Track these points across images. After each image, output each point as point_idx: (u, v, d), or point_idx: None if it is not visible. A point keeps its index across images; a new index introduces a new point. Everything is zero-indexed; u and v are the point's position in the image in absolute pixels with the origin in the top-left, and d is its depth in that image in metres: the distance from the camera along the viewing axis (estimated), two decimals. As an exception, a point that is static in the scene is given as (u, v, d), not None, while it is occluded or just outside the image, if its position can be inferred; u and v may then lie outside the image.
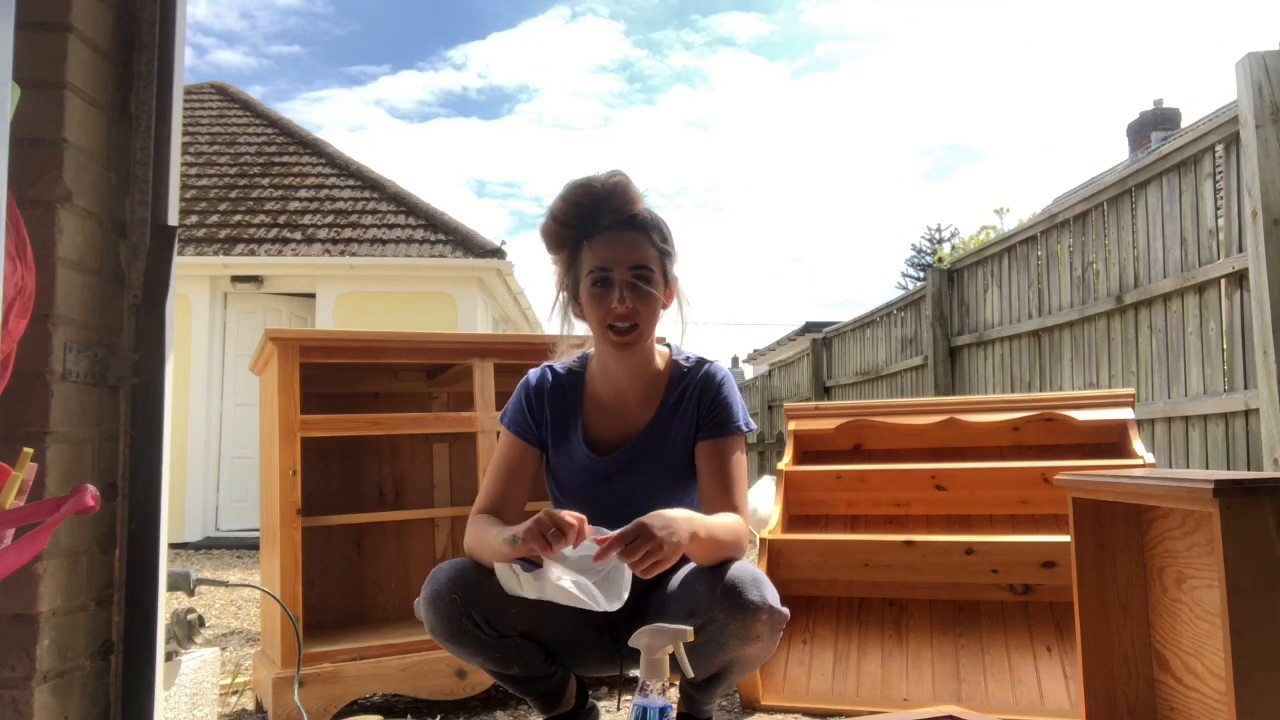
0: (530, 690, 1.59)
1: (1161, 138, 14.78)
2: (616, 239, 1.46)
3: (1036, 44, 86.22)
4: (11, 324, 1.06)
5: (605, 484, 1.56)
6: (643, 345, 1.52)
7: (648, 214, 1.50)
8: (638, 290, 1.46)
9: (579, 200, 1.46)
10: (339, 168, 8.98)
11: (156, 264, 1.40)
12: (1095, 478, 1.64)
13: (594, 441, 1.58)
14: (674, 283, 1.54)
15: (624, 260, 1.45)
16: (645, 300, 1.46)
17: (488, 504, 1.57)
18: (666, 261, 1.51)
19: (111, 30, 1.39)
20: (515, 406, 1.62)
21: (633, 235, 1.47)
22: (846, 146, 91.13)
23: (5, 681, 1.22)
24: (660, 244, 1.50)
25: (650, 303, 1.47)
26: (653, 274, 1.47)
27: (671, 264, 1.53)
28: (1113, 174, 5.15)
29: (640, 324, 1.47)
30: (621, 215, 1.47)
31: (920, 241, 33.25)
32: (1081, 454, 2.97)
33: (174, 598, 2.36)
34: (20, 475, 0.98)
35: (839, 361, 8.65)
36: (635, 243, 1.47)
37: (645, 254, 1.47)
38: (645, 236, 1.48)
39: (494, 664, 1.50)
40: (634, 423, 1.57)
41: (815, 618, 2.59)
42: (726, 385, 1.56)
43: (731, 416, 1.54)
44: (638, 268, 1.46)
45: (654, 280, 1.47)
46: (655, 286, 1.47)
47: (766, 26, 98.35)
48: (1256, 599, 1.18)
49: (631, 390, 1.58)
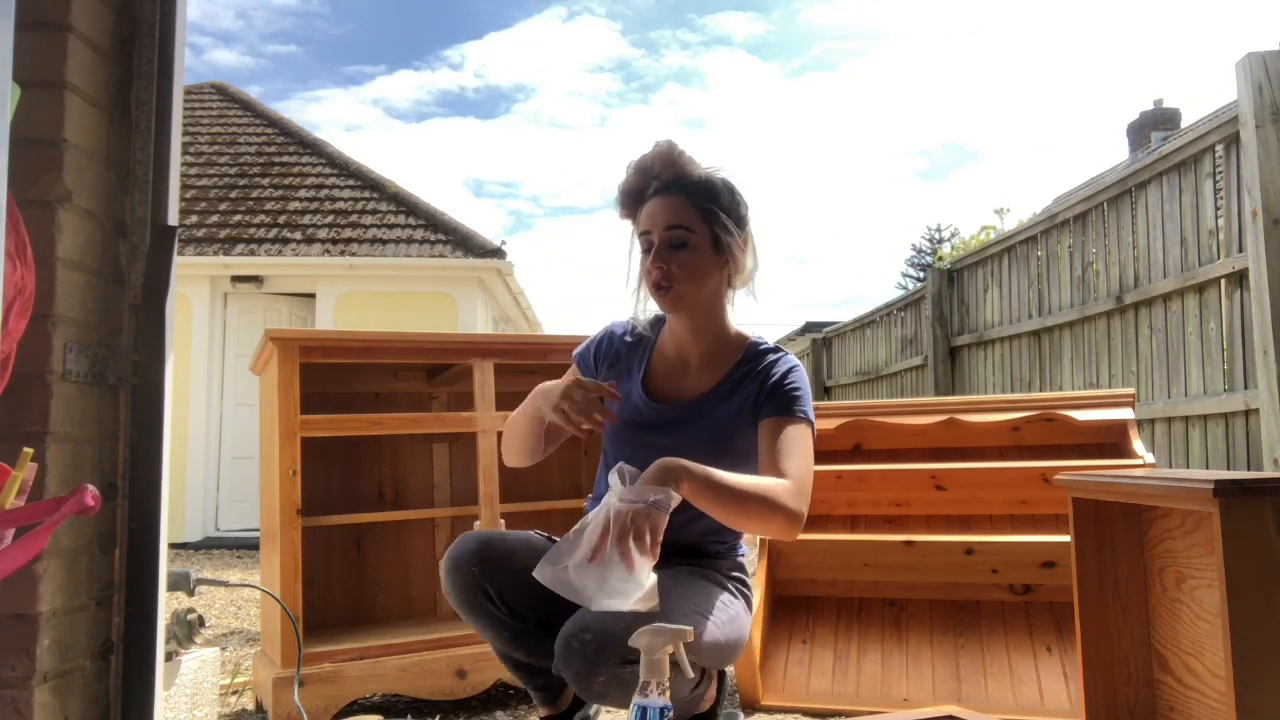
0: (533, 680, 1.59)
1: (1161, 138, 14.78)
2: (658, 203, 1.49)
3: (1036, 44, 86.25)
4: (11, 324, 1.06)
5: (647, 431, 1.56)
6: (692, 304, 1.52)
7: (697, 177, 1.51)
8: (671, 251, 1.47)
9: (630, 178, 1.52)
10: (339, 168, 8.98)
11: (156, 264, 1.40)
12: (1095, 478, 1.64)
13: (653, 390, 1.60)
14: (732, 246, 1.52)
15: (661, 222, 1.48)
16: (680, 260, 1.47)
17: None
18: (713, 222, 1.49)
19: (111, 30, 1.39)
20: (588, 343, 1.69)
21: (674, 198, 1.49)
22: (845, 146, 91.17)
23: (5, 681, 1.22)
24: (706, 204, 1.49)
25: (686, 262, 1.47)
26: (690, 233, 1.47)
27: (726, 225, 1.50)
28: (1113, 174, 5.15)
29: (676, 285, 1.48)
30: (664, 181, 1.50)
31: (920, 241, 33.28)
32: (1081, 454, 2.97)
33: (174, 598, 2.36)
34: (20, 475, 0.98)
35: (839, 361, 8.65)
36: (674, 205, 1.48)
37: (683, 215, 1.48)
38: (688, 198, 1.49)
39: (501, 642, 1.51)
40: (694, 385, 1.58)
41: (815, 618, 2.59)
42: (798, 374, 1.54)
43: (798, 400, 1.51)
44: (672, 227, 1.47)
45: (692, 241, 1.47)
46: (693, 247, 1.48)
47: (763, 26, 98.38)
48: (1256, 599, 1.18)
49: (694, 351, 1.58)
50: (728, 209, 1.52)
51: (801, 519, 1.37)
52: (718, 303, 1.56)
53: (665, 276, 1.48)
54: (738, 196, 1.55)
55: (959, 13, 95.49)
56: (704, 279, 1.50)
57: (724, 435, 1.52)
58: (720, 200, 1.52)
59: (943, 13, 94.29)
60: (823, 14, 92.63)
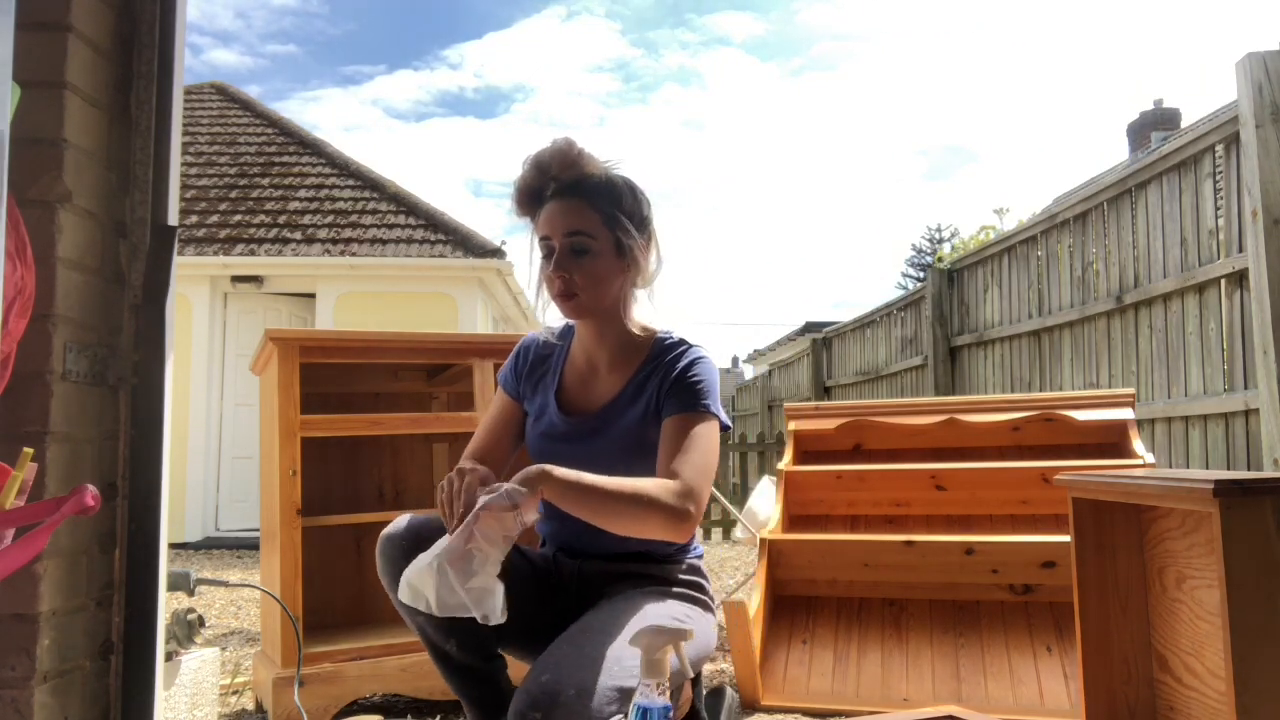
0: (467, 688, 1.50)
1: (1161, 138, 14.78)
2: (556, 207, 1.44)
3: (1036, 44, 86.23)
4: (11, 324, 1.06)
5: (565, 444, 1.52)
6: (595, 311, 1.48)
7: (597, 177, 1.46)
8: (572, 258, 1.43)
9: (527, 177, 1.47)
10: (339, 168, 8.98)
11: (156, 264, 1.40)
12: (1095, 478, 1.64)
13: (566, 403, 1.57)
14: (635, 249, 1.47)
15: (560, 228, 1.43)
16: (581, 267, 1.43)
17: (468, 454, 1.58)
18: (616, 226, 1.45)
19: (111, 30, 1.39)
20: (507, 363, 1.66)
21: (572, 202, 1.44)
22: (845, 146, 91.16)
23: (5, 681, 1.22)
24: (608, 208, 1.45)
25: (589, 269, 1.43)
26: (592, 239, 1.43)
27: (628, 228, 1.46)
28: (1113, 174, 5.15)
29: (580, 292, 1.44)
30: (564, 182, 1.45)
31: (920, 241, 33.26)
32: (1081, 454, 2.97)
33: (174, 598, 2.36)
34: (20, 475, 0.98)
35: (839, 361, 8.65)
36: (575, 210, 1.44)
37: (583, 219, 1.43)
38: (587, 202, 1.44)
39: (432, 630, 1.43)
40: (604, 391, 1.54)
41: (815, 618, 2.59)
42: (701, 367, 1.48)
43: (699, 394, 1.45)
44: (573, 234, 1.43)
45: (594, 247, 1.43)
46: (595, 253, 1.43)
47: (762, 26, 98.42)
48: (1256, 599, 1.18)
49: (601, 356, 1.55)
50: (630, 211, 1.48)
51: (687, 518, 1.32)
52: (622, 306, 1.51)
53: (567, 284, 1.44)
54: (639, 196, 1.51)
55: (959, 13, 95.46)
56: (607, 285, 1.46)
57: (636, 439, 1.48)
58: (623, 203, 1.47)
59: (942, 13, 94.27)
60: (822, 14, 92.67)
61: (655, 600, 1.47)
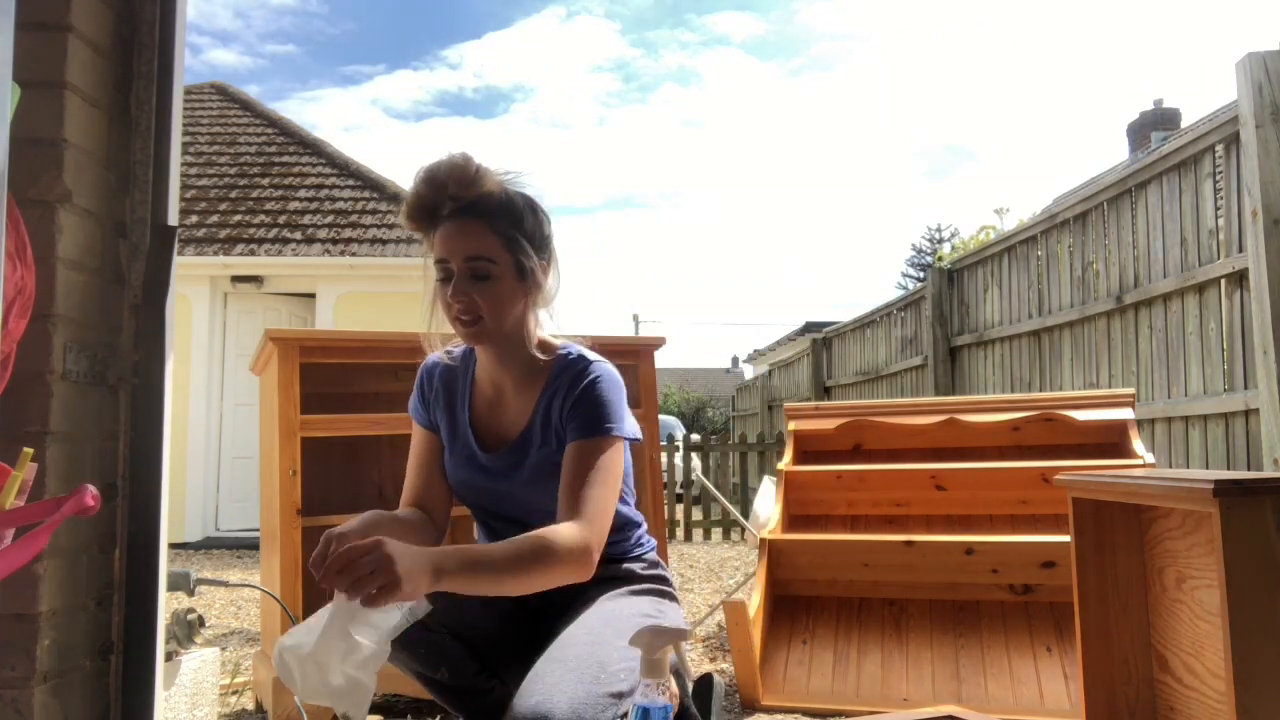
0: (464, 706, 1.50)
1: (1161, 138, 14.78)
2: (453, 228, 1.38)
3: (1036, 43, 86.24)
4: (11, 324, 1.06)
5: (487, 479, 1.50)
6: (497, 336, 1.43)
7: (496, 196, 1.41)
8: (473, 283, 1.38)
9: (420, 192, 1.39)
10: (339, 168, 8.98)
11: (156, 264, 1.40)
12: (1095, 478, 1.64)
13: (481, 435, 1.53)
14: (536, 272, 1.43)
15: (459, 251, 1.38)
16: (484, 292, 1.38)
17: (405, 499, 1.55)
18: (517, 250, 1.40)
19: (111, 30, 1.39)
20: (414, 394, 1.59)
21: (470, 223, 1.38)
22: (845, 146, 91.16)
23: (5, 681, 1.22)
24: (508, 229, 1.40)
25: (491, 294, 1.39)
26: (493, 264, 1.38)
27: (527, 249, 1.41)
28: (1113, 174, 5.15)
29: (484, 316, 1.39)
30: (461, 201, 1.39)
31: (920, 241, 33.25)
32: (1081, 454, 2.97)
33: (174, 598, 2.36)
34: (20, 475, 0.98)
35: (839, 361, 8.65)
36: (470, 231, 1.38)
37: (482, 243, 1.38)
38: (486, 222, 1.39)
39: (420, 664, 1.42)
40: (515, 417, 1.50)
41: (815, 618, 2.59)
42: (600, 384, 1.42)
43: (597, 416, 1.40)
44: (473, 258, 1.38)
45: (494, 272, 1.38)
46: (496, 277, 1.39)
47: (761, 26, 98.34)
48: (1256, 599, 1.19)
49: (507, 379, 1.51)
50: (531, 233, 1.43)
51: (588, 559, 1.28)
52: (523, 327, 1.47)
53: (467, 310, 1.39)
54: (540, 214, 1.46)
55: (958, 12, 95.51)
56: (509, 309, 1.42)
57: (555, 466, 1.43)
58: (523, 224, 1.42)
59: (941, 12, 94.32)
60: (821, 14, 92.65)
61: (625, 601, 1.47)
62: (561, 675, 1.21)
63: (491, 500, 1.51)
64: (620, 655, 1.29)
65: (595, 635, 1.33)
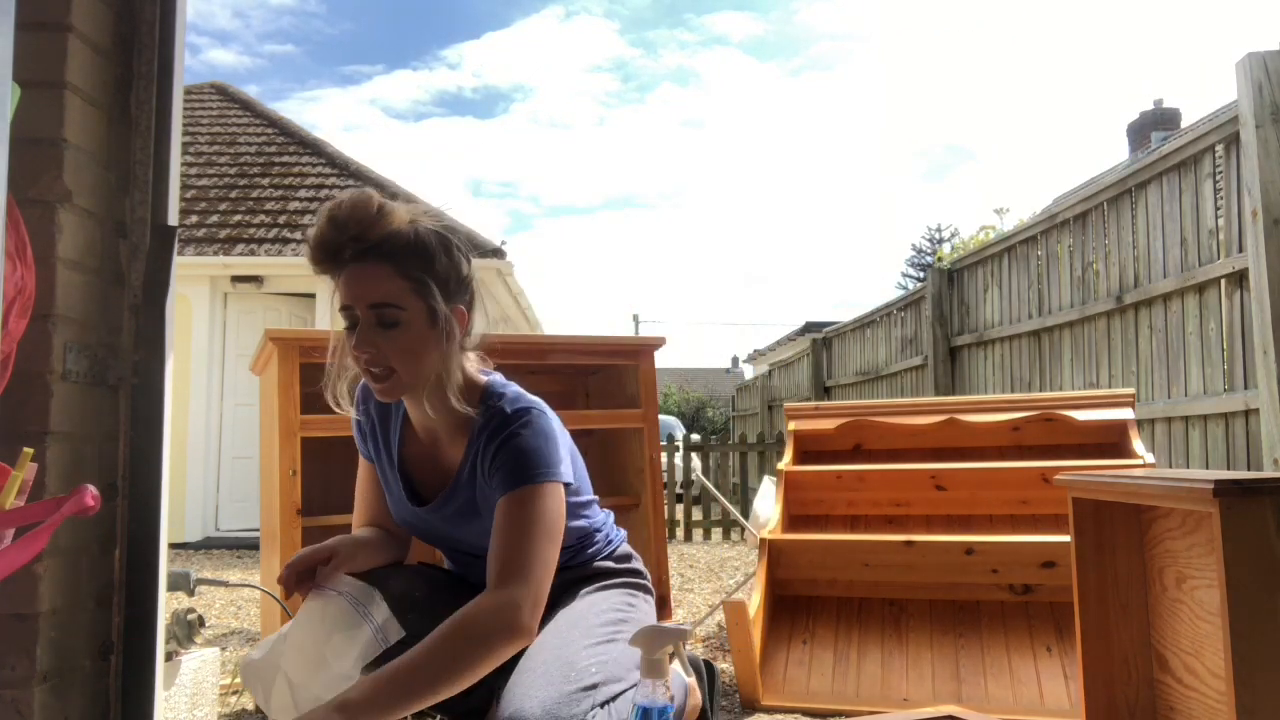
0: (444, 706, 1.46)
1: (1161, 138, 14.78)
2: (357, 273, 1.28)
3: (1035, 43, 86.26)
4: (11, 324, 1.06)
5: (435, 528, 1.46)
6: (414, 389, 1.34)
7: (403, 235, 1.30)
8: (380, 331, 1.29)
9: (323, 233, 1.28)
10: (339, 168, 8.98)
11: (156, 264, 1.40)
12: (1095, 478, 1.64)
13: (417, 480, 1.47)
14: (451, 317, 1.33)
15: (362, 297, 1.28)
16: (391, 342, 1.29)
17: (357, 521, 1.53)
18: (426, 293, 1.30)
19: (111, 30, 1.39)
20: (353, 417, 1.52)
21: (375, 267, 1.28)
22: (845, 146, 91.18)
23: (5, 681, 1.22)
24: (417, 272, 1.29)
25: (399, 343, 1.29)
26: (400, 310, 1.28)
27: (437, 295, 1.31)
28: (1113, 174, 5.15)
29: (395, 366, 1.29)
30: (366, 243, 1.28)
31: (920, 241, 33.23)
32: (1081, 454, 2.97)
33: (174, 598, 2.36)
34: (20, 475, 0.98)
35: (839, 361, 8.65)
36: (375, 276, 1.27)
37: (390, 290, 1.27)
38: (393, 266, 1.28)
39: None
40: (447, 465, 1.43)
41: (815, 618, 2.59)
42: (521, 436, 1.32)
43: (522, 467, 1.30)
44: (377, 305, 1.28)
45: (403, 319, 1.28)
46: (404, 324, 1.29)
47: (761, 26, 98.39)
48: (1256, 599, 1.18)
49: (437, 425, 1.41)
50: (444, 275, 1.32)
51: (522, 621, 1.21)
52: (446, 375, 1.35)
53: (375, 361, 1.29)
54: (455, 252, 1.35)
55: (957, 12, 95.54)
56: (422, 359, 1.31)
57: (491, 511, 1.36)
58: (434, 266, 1.31)
59: (941, 12, 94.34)
60: (820, 14, 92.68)
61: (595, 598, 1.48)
62: (531, 682, 1.22)
63: (441, 538, 1.50)
64: (588, 652, 1.31)
65: (563, 638, 1.33)
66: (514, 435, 1.32)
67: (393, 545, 1.53)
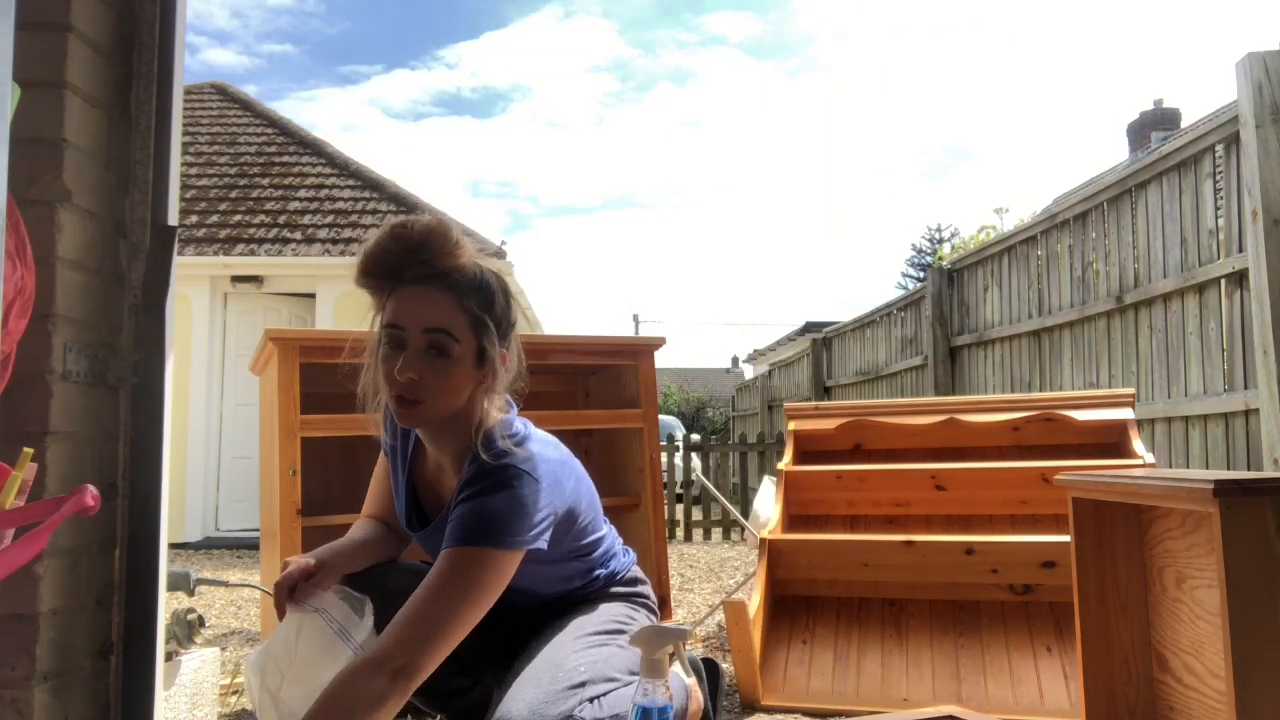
0: (441, 705, 1.50)
1: (1161, 138, 14.78)
2: (417, 294, 1.26)
3: (1035, 43, 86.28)
4: (11, 324, 1.06)
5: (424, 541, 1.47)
6: (435, 422, 1.31)
7: (470, 272, 1.29)
8: (429, 358, 1.26)
9: (388, 247, 1.26)
10: (339, 168, 8.98)
11: (156, 264, 1.40)
12: (1095, 478, 1.64)
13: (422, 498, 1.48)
14: (496, 362, 1.32)
15: (420, 320, 1.25)
16: (437, 371, 1.26)
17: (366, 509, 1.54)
18: (483, 332, 1.29)
19: (111, 30, 1.39)
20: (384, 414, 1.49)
21: (438, 293, 1.26)
22: (844, 146, 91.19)
23: (5, 681, 1.22)
24: (477, 310, 1.28)
25: (444, 375, 1.26)
26: (454, 342, 1.26)
27: (494, 336, 1.30)
28: (1113, 174, 5.15)
29: (426, 399, 1.27)
30: (432, 269, 1.26)
31: (920, 241, 33.23)
32: (1081, 454, 2.97)
33: (174, 598, 2.36)
34: (20, 475, 0.98)
35: (839, 361, 8.65)
36: (438, 301, 1.26)
37: (448, 317, 1.26)
38: (455, 296, 1.26)
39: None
40: (445, 493, 1.42)
41: (815, 618, 2.59)
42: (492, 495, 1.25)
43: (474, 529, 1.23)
44: (434, 330, 1.25)
45: (454, 350, 1.26)
46: (454, 357, 1.26)
47: (759, 26, 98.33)
48: (1256, 599, 1.19)
49: (444, 455, 1.41)
50: (499, 318, 1.32)
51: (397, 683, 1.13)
52: (468, 414, 1.33)
53: (414, 389, 1.26)
54: (510, 300, 1.36)
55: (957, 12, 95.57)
56: (457, 394, 1.29)
57: None
58: (494, 308, 1.31)
59: (941, 12, 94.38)
60: (819, 14, 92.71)
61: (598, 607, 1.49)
62: (520, 685, 1.26)
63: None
64: (577, 654, 1.33)
65: (555, 645, 1.36)
66: (482, 493, 1.26)
67: (394, 542, 1.55)
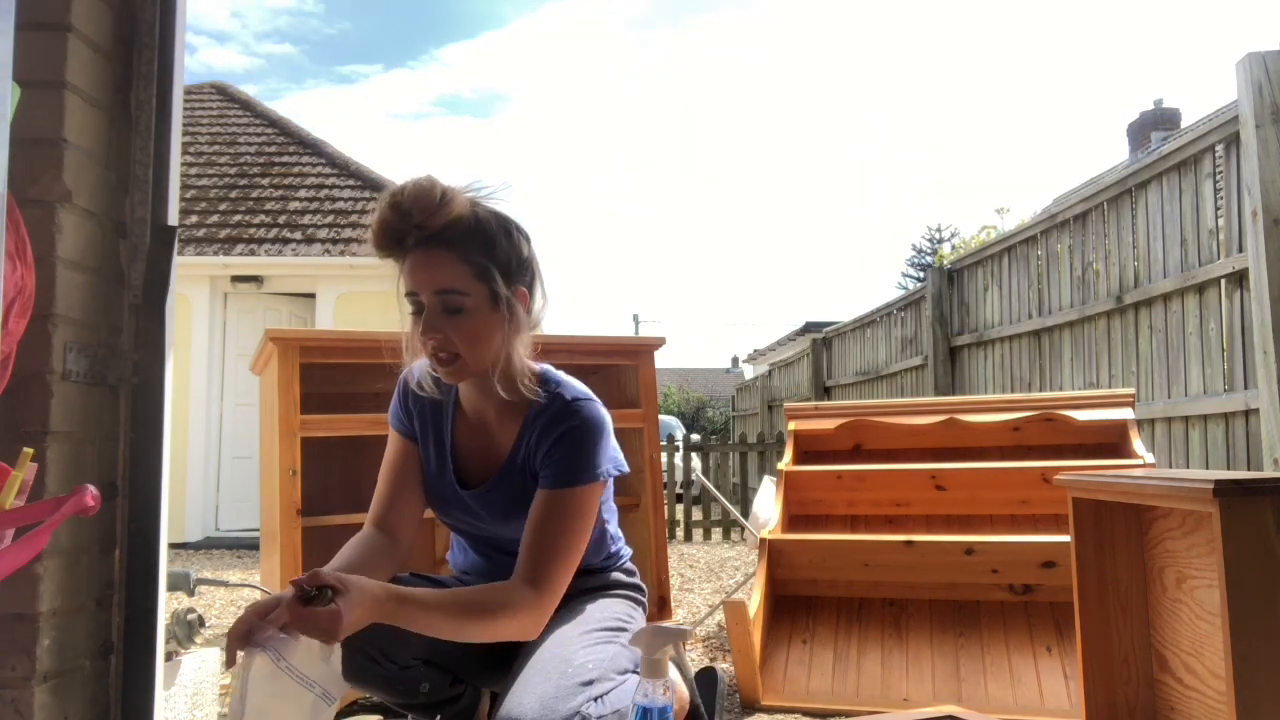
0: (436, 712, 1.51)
1: (1161, 138, 14.78)
2: (421, 259, 1.30)
3: (1036, 43, 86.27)
4: (11, 324, 1.06)
5: (474, 517, 1.46)
6: (481, 371, 1.36)
7: (464, 221, 1.31)
8: (445, 317, 1.31)
9: (387, 217, 1.30)
10: (339, 168, 8.97)
11: (156, 264, 1.40)
12: (1095, 478, 1.64)
13: (462, 464, 1.48)
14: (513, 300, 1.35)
15: (428, 284, 1.30)
16: (457, 327, 1.31)
17: (373, 513, 1.50)
18: (490, 276, 1.31)
19: (111, 30, 1.39)
20: (393, 405, 1.54)
21: (438, 254, 1.30)
22: (844, 146, 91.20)
23: (5, 681, 1.22)
24: (479, 258, 1.31)
25: (465, 328, 1.31)
26: (464, 296, 1.30)
27: (504, 275, 1.33)
28: (1113, 174, 5.15)
29: (462, 352, 1.32)
30: (429, 229, 1.29)
31: (920, 241, 33.22)
32: (1081, 454, 2.97)
33: (174, 598, 2.36)
34: (20, 475, 0.98)
35: (839, 361, 8.65)
36: (439, 263, 1.29)
37: (452, 274, 1.29)
38: (457, 254, 1.30)
39: (399, 696, 1.42)
40: (498, 451, 1.44)
41: (815, 618, 2.59)
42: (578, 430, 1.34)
43: (573, 466, 1.32)
44: (443, 291, 1.30)
45: (467, 305, 1.30)
46: (469, 310, 1.31)
47: (759, 26, 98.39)
48: (1256, 599, 1.19)
49: (489, 409, 1.44)
50: (505, 257, 1.34)
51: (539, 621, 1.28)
52: (508, 358, 1.37)
53: (441, 347, 1.32)
54: (516, 235, 1.37)
55: (957, 12, 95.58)
56: (487, 343, 1.33)
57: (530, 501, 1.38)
58: (496, 250, 1.33)
59: (941, 12, 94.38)
60: (820, 14, 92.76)
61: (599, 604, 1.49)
62: (529, 679, 1.26)
63: (472, 529, 1.51)
64: (586, 650, 1.33)
65: (563, 639, 1.35)
66: (573, 428, 1.35)
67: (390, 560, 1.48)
